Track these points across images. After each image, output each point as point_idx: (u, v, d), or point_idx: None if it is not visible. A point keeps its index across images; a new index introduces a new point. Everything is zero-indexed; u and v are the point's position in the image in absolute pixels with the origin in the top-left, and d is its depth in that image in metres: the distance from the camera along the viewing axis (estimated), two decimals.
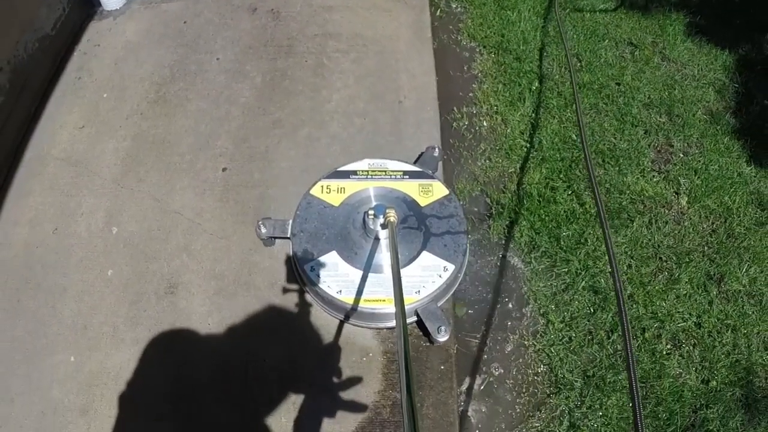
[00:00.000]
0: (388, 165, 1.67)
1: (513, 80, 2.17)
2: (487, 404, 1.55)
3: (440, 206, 1.59)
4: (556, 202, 1.82)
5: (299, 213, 1.60)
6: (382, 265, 1.50)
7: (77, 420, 1.45)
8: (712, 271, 1.77)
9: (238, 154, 1.86)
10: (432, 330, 1.39)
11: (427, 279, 1.45)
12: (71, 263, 1.69)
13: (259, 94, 2.01)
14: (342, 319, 1.51)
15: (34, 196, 1.83)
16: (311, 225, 1.57)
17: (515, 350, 1.63)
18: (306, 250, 1.52)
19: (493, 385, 1.57)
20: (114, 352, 1.54)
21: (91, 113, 2.00)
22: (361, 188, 1.63)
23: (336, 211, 1.59)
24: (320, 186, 1.64)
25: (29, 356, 1.54)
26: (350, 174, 1.66)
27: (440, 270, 1.47)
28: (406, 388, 0.74)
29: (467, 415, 1.53)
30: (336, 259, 1.50)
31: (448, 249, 1.51)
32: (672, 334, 1.65)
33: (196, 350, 1.53)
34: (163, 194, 1.79)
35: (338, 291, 1.44)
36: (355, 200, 1.62)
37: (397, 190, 1.63)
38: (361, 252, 1.52)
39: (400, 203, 1.60)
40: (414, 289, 1.43)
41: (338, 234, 1.55)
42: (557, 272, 1.71)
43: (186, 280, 1.63)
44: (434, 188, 1.63)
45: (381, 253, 1.52)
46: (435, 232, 1.54)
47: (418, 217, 1.57)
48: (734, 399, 1.60)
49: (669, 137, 2.05)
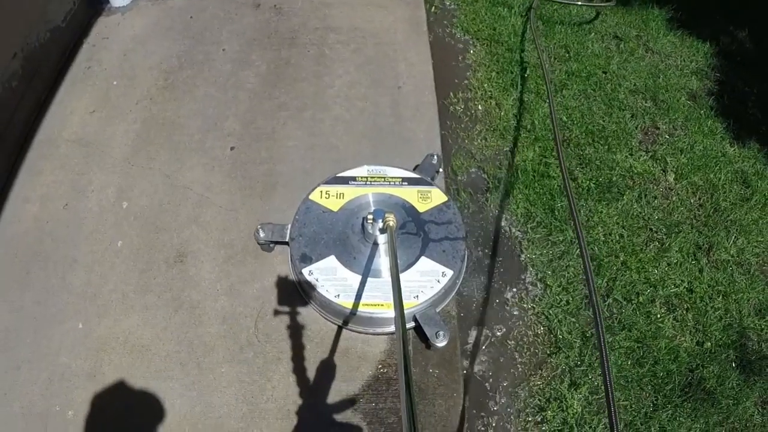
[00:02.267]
0: (387, 171, 1.67)
1: (505, 68, 2.25)
2: (490, 363, 1.58)
3: (439, 212, 1.59)
4: (549, 176, 1.88)
5: (298, 218, 1.59)
6: (380, 269, 1.49)
7: (84, 384, 1.45)
8: (701, 242, 1.83)
9: (245, 134, 1.91)
10: (430, 335, 1.37)
11: (426, 284, 1.45)
12: (81, 236, 1.70)
13: (264, 80, 2.07)
14: (340, 324, 1.49)
15: (44, 175, 1.85)
16: (310, 229, 1.56)
17: (515, 313, 1.66)
18: (304, 255, 1.51)
19: (495, 345, 1.60)
20: (123, 318, 1.55)
21: (101, 99, 2.03)
22: (360, 194, 1.63)
23: (335, 216, 1.59)
24: (319, 191, 1.64)
25: (37, 325, 1.55)
26: (349, 180, 1.66)
27: (438, 275, 1.46)
28: (406, 389, 0.74)
29: (472, 374, 1.57)
30: (334, 263, 1.49)
31: (447, 254, 1.50)
32: (665, 299, 1.70)
33: (204, 314, 1.55)
34: (173, 171, 1.82)
35: (336, 295, 1.43)
36: (354, 205, 1.61)
37: (396, 196, 1.62)
38: (360, 257, 1.51)
39: (399, 209, 1.59)
40: (412, 294, 1.42)
41: (337, 239, 1.54)
42: (552, 241, 1.76)
43: (195, 249, 1.66)
44: (433, 195, 1.62)
45: (380, 258, 1.51)
46: (433, 237, 1.54)
47: (416, 223, 1.57)
48: (729, 360, 1.64)
49: (655, 120, 2.13)
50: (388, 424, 1.38)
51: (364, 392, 1.43)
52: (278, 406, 1.41)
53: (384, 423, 1.38)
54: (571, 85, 2.18)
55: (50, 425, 1.40)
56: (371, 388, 1.43)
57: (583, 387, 1.52)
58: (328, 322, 1.50)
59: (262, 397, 1.43)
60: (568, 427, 1.48)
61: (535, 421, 1.49)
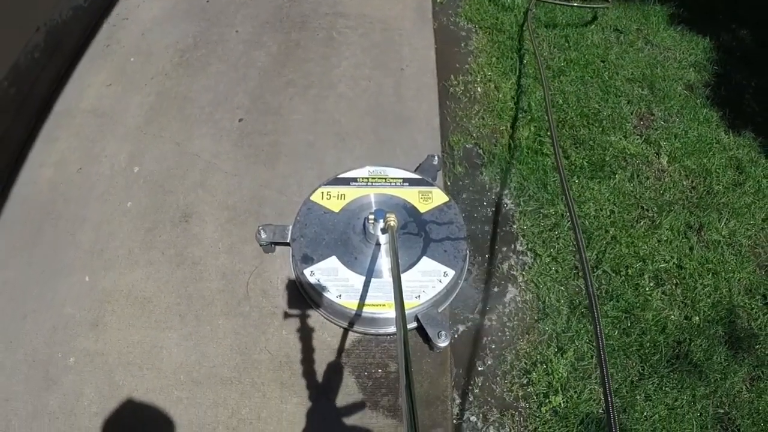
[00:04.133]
0: (388, 172, 1.66)
1: (505, 55, 2.28)
2: (477, 322, 1.61)
3: (440, 213, 1.58)
4: (543, 154, 1.91)
5: (299, 218, 1.57)
6: (382, 270, 1.48)
7: (87, 333, 1.50)
8: (692, 222, 1.83)
9: (253, 108, 1.95)
10: (432, 335, 1.37)
11: (428, 284, 1.43)
12: (93, 197, 1.75)
13: (274, 60, 2.12)
14: (343, 325, 1.48)
15: (60, 142, 1.91)
16: (311, 230, 1.55)
17: (504, 279, 1.68)
18: (306, 255, 1.50)
19: (484, 308, 1.62)
20: (128, 272, 1.60)
21: (118, 74, 2.10)
22: (361, 194, 1.62)
23: (336, 217, 1.58)
24: (320, 192, 1.62)
25: (45, 277, 1.60)
26: (350, 181, 1.65)
27: (440, 275, 1.45)
28: (407, 390, 0.73)
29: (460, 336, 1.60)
30: (336, 264, 1.48)
31: (448, 255, 1.49)
32: (654, 273, 1.70)
33: (205, 270, 1.59)
34: (183, 139, 1.87)
35: (338, 296, 1.42)
36: (355, 206, 1.60)
37: (397, 197, 1.61)
38: (361, 257, 1.50)
39: (400, 209, 1.58)
40: (414, 294, 1.41)
41: (338, 239, 1.53)
42: (544, 213, 1.77)
43: (200, 210, 1.70)
44: (434, 195, 1.61)
45: (381, 258, 1.50)
46: (435, 237, 1.53)
47: (418, 223, 1.55)
48: (717, 336, 1.63)
49: (650, 107, 2.13)
50: (375, 379, 1.41)
51: (353, 347, 1.46)
52: (270, 357, 1.44)
53: (372, 377, 1.41)
54: (569, 71, 2.21)
55: (51, 371, 1.44)
56: (360, 344, 1.47)
57: (569, 352, 1.53)
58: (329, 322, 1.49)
59: (256, 348, 1.46)
60: (554, 390, 1.49)
61: (521, 383, 1.51)
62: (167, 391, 1.40)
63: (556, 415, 1.47)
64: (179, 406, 1.38)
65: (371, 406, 1.38)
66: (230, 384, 1.41)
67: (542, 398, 1.48)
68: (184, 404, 1.38)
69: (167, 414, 1.37)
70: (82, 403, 1.40)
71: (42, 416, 1.38)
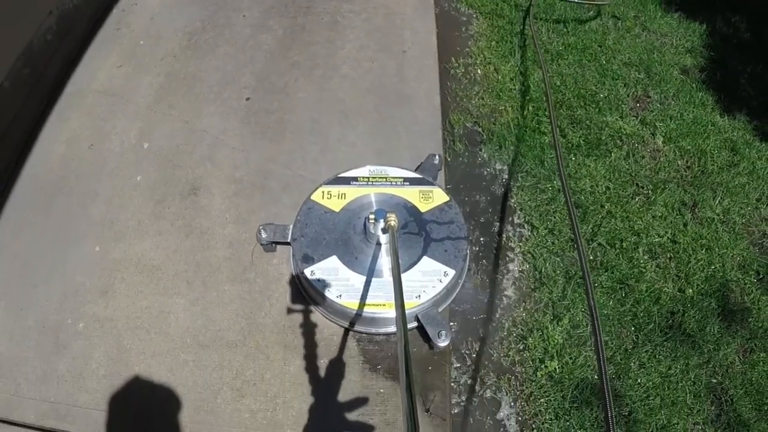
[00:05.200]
0: (388, 171, 1.65)
1: (505, 39, 2.31)
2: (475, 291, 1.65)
3: (440, 212, 1.56)
4: (541, 132, 1.94)
5: (300, 218, 1.56)
6: (382, 269, 1.47)
7: (96, 300, 1.53)
8: (686, 199, 1.85)
9: (260, 87, 1.98)
10: (432, 335, 1.35)
11: (428, 284, 1.42)
12: (104, 172, 1.79)
13: (280, 43, 2.15)
14: (343, 325, 1.47)
15: (72, 121, 1.94)
16: (312, 230, 1.53)
17: (502, 250, 1.72)
18: (306, 255, 1.48)
19: (481, 277, 1.67)
20: (137, 242, 1.63)
21: (128, 56, 2.13)
22: (361, 194, 1.60)
23: (337, 217, 1.56)
24: (321, 192, 1.61)
25: (57, 248, 1.63)
26: (351, 180, 1.63)
27: (441, 275, 1.44)
28: (407, 389, 0.73)
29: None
30: (336, 263, 1.47)
31: (449, 254, 1.47)
32: (648, 247, 1.73)
33: (212, 239, 1.62)
34: (192, 117, 1.90)
35: (338, 295, 1.41)
36: (355, 206, 1.58)
37: (398, 196, 1.60)
38: (362, 257, 1.49)
39: (400, 209, 1.56)
40: (414, 294, 1.40)
41: (339, 239, 1.52)
42: (541, 188, 1.81)
43: (208, 184, 1.73)
44: (434, 195, 1.59)
45: (381, 258, 1.49)
46: (435, 237, 1.51)
47: (418, 223, 1.54)
48: (710, 308, 1.66)
49: (647, 90, 2.16)
50: (376, 342, 1.45)
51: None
52: (274, 321, 1.47)
53: (372, 340, 1.45)
54: (567, 55, 2.24)
55: (61, 336, 1.48)
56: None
57: (565, 320, 1.56)
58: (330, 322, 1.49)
59: (260, 313, 1.49)
60: (549, 356, 1.53)
61: (517, 349, 1.54)
62: (174, 354, 1.44)
63: (551, 380, 1.50)
64: (185, 369, 1.41)
65: (371, 368, 1.41)
66: (235, 347, 1.44)
67: (538, 363, 1.52)
68: (190, 366, 1.42)
69: (173, 376, 1.41)
70: (91, 367, 1.43)
71: (51, 379, 1.42)
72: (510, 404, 1.49)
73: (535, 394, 1.48)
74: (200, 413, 1.36)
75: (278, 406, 1.36)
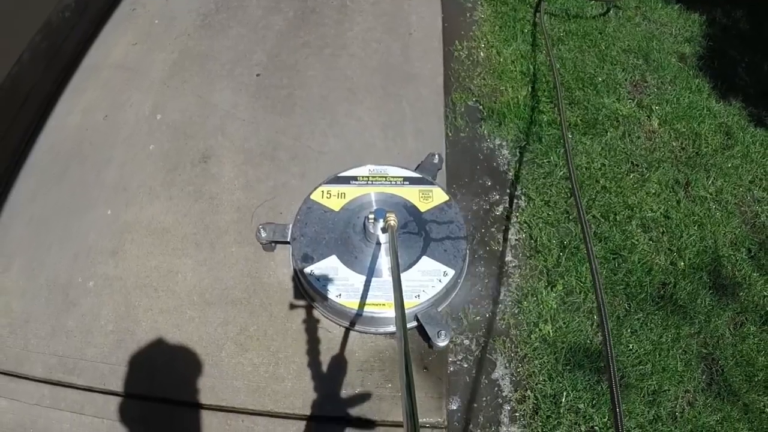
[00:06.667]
0: (388, 171, 1.63)
1: (508, 24, 2.35)
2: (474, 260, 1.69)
3: (440, 212, 1.55)
4: (539, 111, 1.98)
5: (299, 217, 1.55)
6: (382, 269, 1.46)
7: (107, 260, 1.58)
8: (680, 178, 1.88)
9: (270, 65, 2.03)
10: (432, 334, 1.35)
11: (427, 283, 1.41)
12: (118, 141, 1.84)
13: (290, 24, 2.20)
14: (343, 324, 1.46)
15: (87, 93, 2.00)
16: (311, 229, 1.52)
17: (499, 219, 1.76)
18: (306, 255, 1.47)
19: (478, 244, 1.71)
20: (148, 206, 1.67)
21: (143, 34, 2.18)
22: (361, 193, 1.59)
23: (336, 216, 1.55)
24: (321, 191, 1.59)
25: (70, 212, 1.69)
26: (351, 180, 1.62)
27: (440, 275, 1.43)
28: (406, 389, 0.73)
29: None
30: (336, 263, 1.46)
31: (448, 254, 1.46)
32: (641, 221, 1.75)
33: (221, 204, 1.67)
34: (204, 92, 1.95)
35: (338, 295, 1.40)
36: (355, 205, 1.57)
37: (398, 196, 1.58)
38: (361, 256, 1.47)
39: (400, 208, 1.55)
40: (414, 294, 1.39)
41: (338, 238, 1.50)
42: (539, 163, 1.84)
43: (218, 153, 1.78)
44: (434, 194, 1.58)
45: (381, 258, 1.47)
46: (435, 237, 1.50)
47: (418, 223, 1.53)
48: (701, 281, 1.69)
49: (644, 75, 2.19)
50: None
51: None
52: (278, 281, 1.51)
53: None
54: (568, 41, 2.27)
55: (72, 294, 1.53)
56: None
57: (559, 286, 1.60)
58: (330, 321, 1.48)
59: (265, 273, 1.53)
60: (543, 320, 1.56)
61: (512, 312, 1.58)
62: (180, 310, 1.48)
63: (545, 343, 1.54)
64: (191, 324, 1.46)
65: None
66: (240, 304, 1.48)
67: (532, 327, 1.55)
68: (195, 322, 1.46)
69: (179, 331, 1.45)
70: (99, 323, 1.48)
71: (60, 335, 1.47)
72: (505, 365, 1.52)
73: (529, 356, 1.52)
74: (204, 366, 1.40)
75: (280, 360, 1.40)
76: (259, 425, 1.35)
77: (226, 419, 1.36)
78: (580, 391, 1.48)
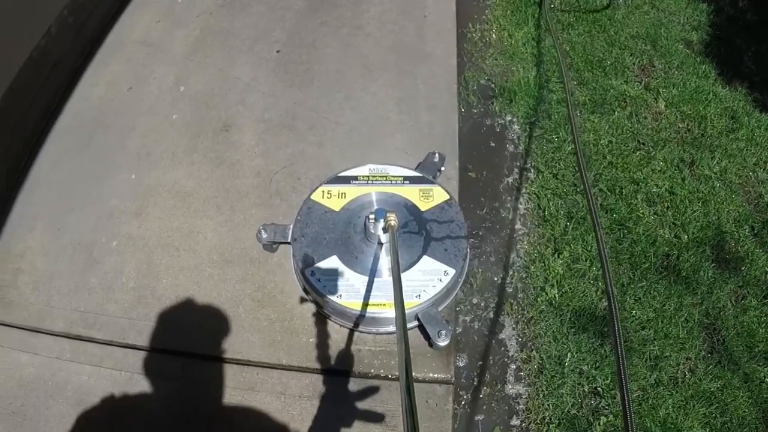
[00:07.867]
0: (388, 170, 1.61)
1: (520, 9, 2.40)
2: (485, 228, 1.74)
3: (441, 211, 1.52)
4: (549, 90, 2.03)
5: (300, 218, 1.53)
6: (383, 269, 1.44)
7: (130, 221, 1.63)
8: (685, 157, 1.92)
9: (290, 42, 2.08)
10: (432, 334, 1.34)
11: (428, 283, 1.40)
12: (141, 111, 1.89)
13: (309, 4, 2.25)
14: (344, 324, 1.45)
15: (112, 66, 2.05)
16: (312, 230, 1.50)
17: (509, 189, 1.81)
18: (307, 255, 1.46)
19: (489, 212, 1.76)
20: (171, 171, 1.72)
21: (166, 12, 2.24)
22: (361, 193, 1.57)
23: (337, 216, 1.53)
24: (321, 191, 1.58)
25: (93, 176, 1.74)
26: (351, 179, 1.60)
27: (441, 274, 1.41)
28: (406, 389, 0.73)
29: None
30: (336, 263, 1.44)
31: (449, 253, 1.45)
32: (647, 195, 1.79)
33: (241, 169, 1.71)
34: (225, 66, 2.00)
35: (339, 295, 1.39)
36: (355, 205, 1.55)
37: (398, 195, 1.56)
38: (362, 256, 1.46)
39: (400, 208, 1.53)
40: (414, 293, 1.38)
41: (339, 238, 1.49)
42: (547, 138, 1.89)
43: (239, 123, 1.83)
44: (435, 193, 1.56)
45: (382, 258, 1.45)
46: (435, 236, 1.48)
47: (418, 222, 1.51)
48: (704, 254, 1.72)
49: (652, 60, 2.24)
50: None
51: None
52: None
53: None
54: (578, 26, 2.32)
55: (95, 252, 1.58)
56: None
57: (565, 253, 1.64)
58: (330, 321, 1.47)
59: None
60: (549, 284, 1.62)
61: (520, 276, 1.63)
62: (200, 268, 1.53)
63: (551, 306, 1.58)
64: (210, 282, 1.50)
65: None
66: (258, 263, 1.53)
67: (539, 291, 1.60)
68: (214, 280, 1.51)
69: (198, 288, 1.50)
70: (121, 280, 1.52)
71: (82, 291, 1.51)
72: (512, 326, 1.57)
73: (535, 318, 1.57)
74: (221, 321, 1.45)
75: (295, 316, 1.45)
76: (273, 377, 1.40)
77: (240, 371, 1.41)
78: (584, 353, 1.52)
